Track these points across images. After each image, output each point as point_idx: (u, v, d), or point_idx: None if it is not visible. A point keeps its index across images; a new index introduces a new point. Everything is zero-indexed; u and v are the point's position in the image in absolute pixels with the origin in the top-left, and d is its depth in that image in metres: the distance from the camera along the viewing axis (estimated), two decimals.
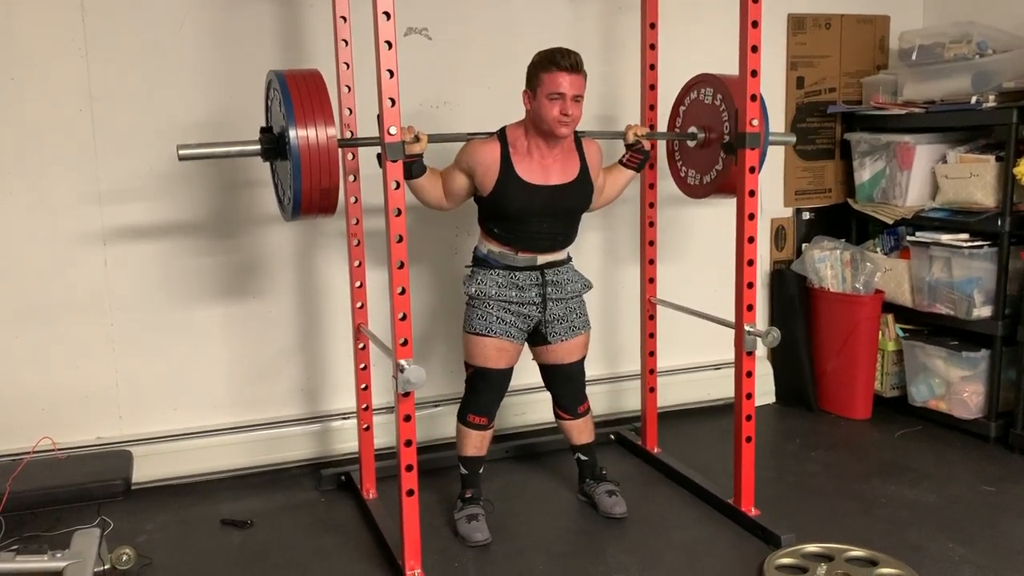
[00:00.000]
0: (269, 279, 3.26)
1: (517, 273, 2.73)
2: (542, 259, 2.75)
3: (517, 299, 2.73)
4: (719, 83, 2.85)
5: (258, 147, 2.35)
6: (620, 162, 2.91)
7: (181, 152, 2.29)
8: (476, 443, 2.82)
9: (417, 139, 2.49)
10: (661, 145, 3.25)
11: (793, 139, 3.26)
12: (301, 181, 2.23)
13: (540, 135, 2.64)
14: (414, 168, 2.56)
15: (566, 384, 2.90)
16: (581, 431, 2.96)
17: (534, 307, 2.76)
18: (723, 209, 3.27)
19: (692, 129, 3.00)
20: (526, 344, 2.85)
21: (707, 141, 2.96)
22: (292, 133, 2.20)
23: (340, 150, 2.57)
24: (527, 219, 2.68)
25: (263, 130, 2.40)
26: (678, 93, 3.11)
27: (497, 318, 2.74)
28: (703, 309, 3.07)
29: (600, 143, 2.84)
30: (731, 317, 2.79)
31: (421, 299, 3.41)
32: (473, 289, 2.76)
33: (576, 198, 2.74)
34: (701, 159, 3.02)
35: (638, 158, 2.89)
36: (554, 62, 2.53)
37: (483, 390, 2.79)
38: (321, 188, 2.25)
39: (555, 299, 2.78)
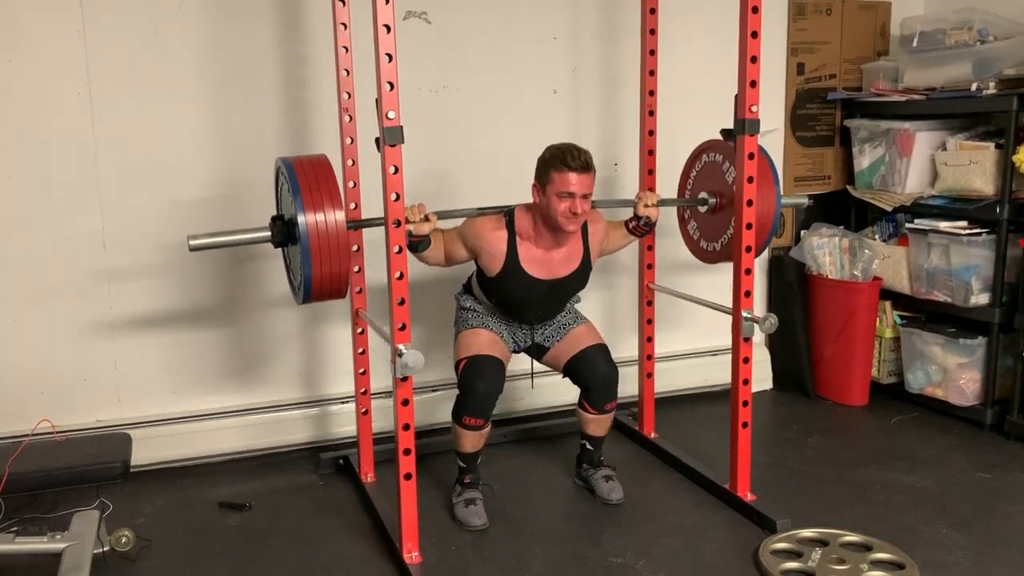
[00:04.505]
0: (268, 263, 3.26)
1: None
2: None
3: (507, 319, 2.87)
4: (726, 148, 2.85)
5: (268, 235, 2.39)
6: (627, 227, 2.94)
7: (192, 243, 2.33)
8: (473, 441, 2.79)
9: (427, 219, 2.53)
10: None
11: (806, 200, 3.30)
12: (312, 269, 2.28)
13: (548, 226, 2.67)
14: (420, 245, 2.60)
15: (592, 373, 2.84)
16: (599, 424, 2.94)
17: (521, 329, 2.89)
18: None
19: (703, 195, 3.02)
20: (545, 365, 2.97)
21: (718, 206, 2.97)
22: (301, 220, 2.24)
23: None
24: (524, 304, 2.79)
25: (274, 219, 2.43)
26: (688, 158, 3.13)
27: (493, 320, 2.85)
28: (701, 295, 3.07)
29: (602, 211, 2.88)
30: (729, 303, 2.79)
31: (419, 283, 3.41)
32: (468, 304, 2.88)
33: (575, 285, 2.84)
34: (712, 224, 3.04)
35: (644, 229, 2.94)
36: (565, 163, 2.55)
37: (477, 384, 2.69)
38: (332, 274, 2.31)
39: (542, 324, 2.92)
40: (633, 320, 3.42)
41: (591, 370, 2.84)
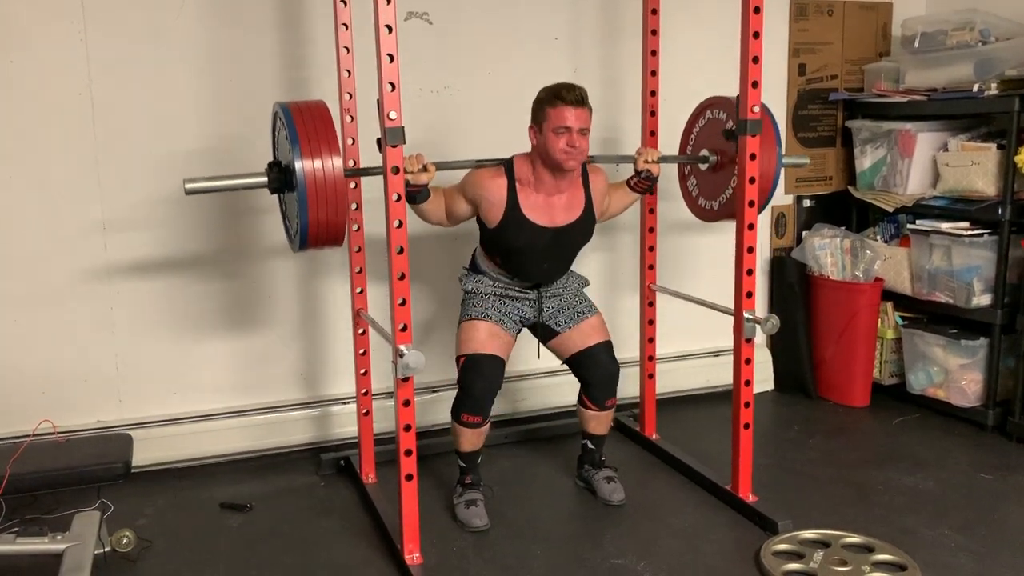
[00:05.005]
0: (269, 263, 3.26)
1: (513, 287, 2.83)
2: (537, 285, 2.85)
3: (512, 294, 2.81)
4: (731, 106, 2.82)
5: (265, 180, 2.37)
6: (628, 184, 2.92)
7: (187, 186, 2.30)
8: (472, 440, 2.79)
9: (425, 169, 2.51)
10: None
11: (807, 161, 3.28)
12: (308, 215, 2.25)
13: (547, 169, 2.65)
14: (418, 196, 2.58)
15: (595, 370, 2.85)
16: (600, 422, 2.94)
17: (527, 303, 2.83)
18: None
19: (704, 152, 2.99)
20: (547, 349, 2.92)
21: (719, 164, 2.95)
22: (298, 166, 2.21)
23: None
24: (528, 256, 2.74)
25: (271, 164, 2.41)
26: (690, 115, 3.10)
27: (493, 306, 2.80)
28: (702, 296, 3.07)
29: (603, 167, 2.86)
30: (730, 304, 2.79)
31: (421, 285, 3.41)
32: (470, 286, 2.84)
33: (579, 236, 2.80)
34: (712, 182, 3.01)
35: (645, 184, 2.91)
36: (559, 96, 2.54)
37: (475, 383, 2.71)
38: (328, 221, 2.27)
39: (549, 296, 2.84)
40: (633, 292, 3.40)
41: (595, 367, 2.84)
